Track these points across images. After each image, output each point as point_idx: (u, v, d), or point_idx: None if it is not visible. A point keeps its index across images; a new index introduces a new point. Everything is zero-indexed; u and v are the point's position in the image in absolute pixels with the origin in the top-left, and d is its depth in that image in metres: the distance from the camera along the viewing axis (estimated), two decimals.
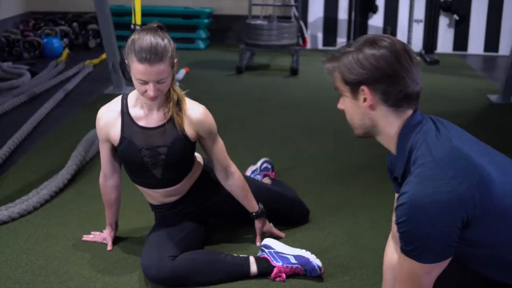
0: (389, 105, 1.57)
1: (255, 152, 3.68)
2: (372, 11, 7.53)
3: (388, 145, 1.66)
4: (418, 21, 7.56)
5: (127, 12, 6.97)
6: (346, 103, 1.66)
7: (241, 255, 2.40)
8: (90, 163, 3.54)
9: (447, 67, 6.68)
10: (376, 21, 7.63)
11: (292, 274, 2.34)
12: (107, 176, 2.47)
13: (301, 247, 2.44)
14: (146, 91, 2.19)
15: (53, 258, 2.49)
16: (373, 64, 1.54)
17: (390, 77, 1.54)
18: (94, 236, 2.64)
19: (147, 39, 2.15)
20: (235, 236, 2.67)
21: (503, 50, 7.51)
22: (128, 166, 2.43)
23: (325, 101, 5.11)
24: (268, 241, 2.45)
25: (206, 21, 7.36)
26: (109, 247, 2.56)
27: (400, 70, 1.54)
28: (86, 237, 2.65)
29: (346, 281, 2.34)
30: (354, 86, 1.59)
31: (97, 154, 3.63)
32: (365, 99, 1.58)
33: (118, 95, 2.44)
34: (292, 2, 7.24)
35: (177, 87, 2.34)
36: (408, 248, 1.51)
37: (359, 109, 1.62)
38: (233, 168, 2.47)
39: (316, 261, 2.35)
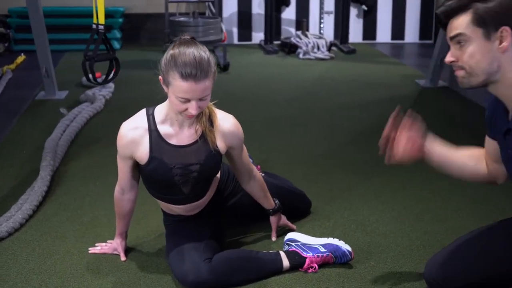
0: None
1: None
2: (285, 4, 7.66)
3: (506, 91, 1.70)
4: (328, 12, 7.80)
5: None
6: (472, 48, 1.68)
7: (270, 251, 2.39)
8: (57, 173, 3.33)
9: (365, 56, 6.94)
10: (289, 14, 7.77)
11: (323, 264, 2.36)
12: (125, 191, 2.33)
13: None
14: (186, 109, 2.06)
15: (66, 275, 2.32)
16: None
17: None
18: (101, 248, 2.50)
19: (190, 53, 2.00)
20: (249, 235, 2.64)
21: (408, 37, 7.95)
22: (154, 184, 2.30)
23: (266, 94, 5.16)
24: (291, 235, 2.45)
25: (120, 20, 7.14)
26: (122, 258, 2.44)
27: None
28: (93, 250, 2.50)
29: (374, 266, 2.39)
30: (491, 28, 1.63)
31: (62, 162, 3.47)
32: (501, 41, 1.63)
33: (52, 100, 2.27)
34: None
35: None
36: None
37: (490, 52, 1.66)
38: (255, 170, 2.45)
39: (345, 246, 2.37)
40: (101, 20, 3.14)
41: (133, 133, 2.18)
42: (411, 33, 7.98)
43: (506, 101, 1.73)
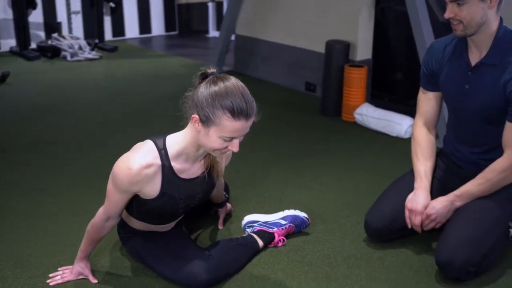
0: (497, 6, 2.21)
1: (97, 154, 3.52)
2: (32, 7, 7.23)
3: (483, 40, 2.25)
4: (75, 12, 7.60)
5: None
6: (469, 8, 2.17)
7: (244, 235, 2.50)
8: None
9: (130, 52, 6.99)
10: (36, 17, 7.36)
11: (287, 235, 2.57)
12: (111, 218, 2.19)
13: None
14: (226, 147, 1.98)
15: None
16: None
17: None
18: (61, 277, 2.30)
19: (236, 90, 1.91)
20: (203, 229, 2.69)
21: (155, 31, 8.21)
22: (152, 214, 2.21)
23: (67, 101, 4.92)
24: (249, 217, 2.61)
25: None
26: (94, 280, 2.29)
27: None
28: (53, 282, 2.28)
29: (324, 229, 2.69)
30: None
31: None
32: (491, 0, 2.16)
33: None
34: None
35: None
36: None
37: (482, 10, 2.18)
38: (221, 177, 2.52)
39: (302, 214, 2.63)
40: None
41: (146, 171, 2.04)
42: (157, 26, 8.25)
43: (482, 45, 2.27)
